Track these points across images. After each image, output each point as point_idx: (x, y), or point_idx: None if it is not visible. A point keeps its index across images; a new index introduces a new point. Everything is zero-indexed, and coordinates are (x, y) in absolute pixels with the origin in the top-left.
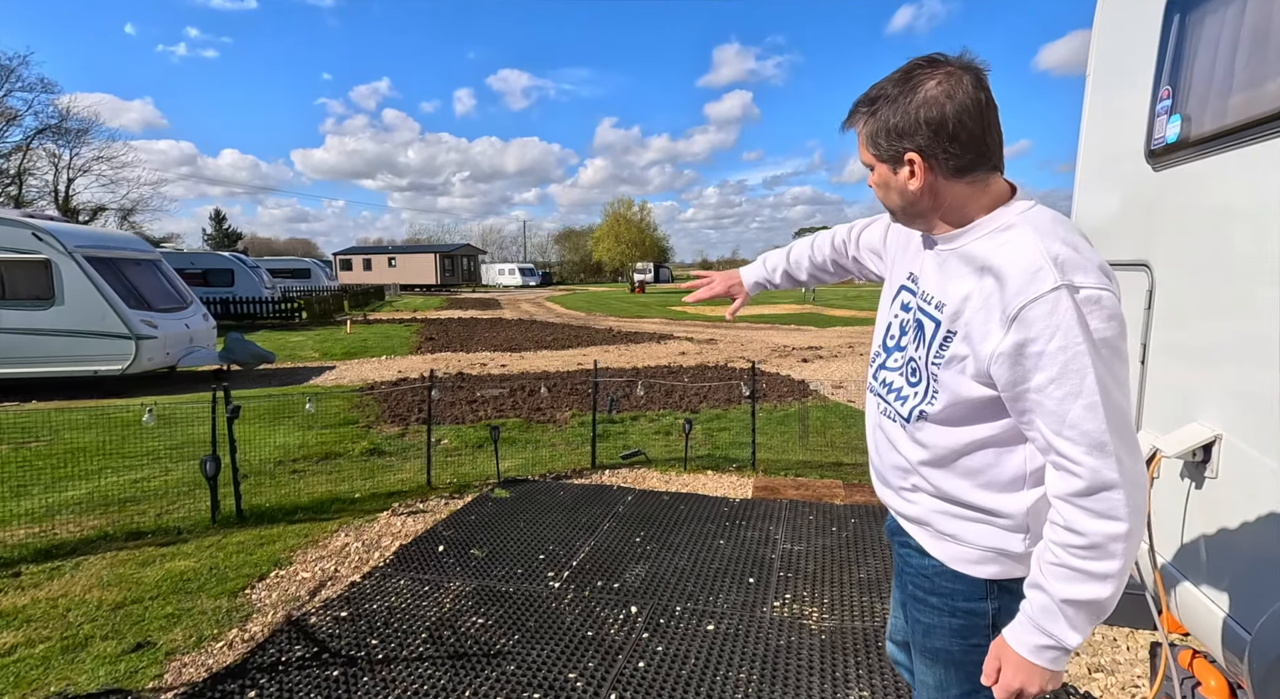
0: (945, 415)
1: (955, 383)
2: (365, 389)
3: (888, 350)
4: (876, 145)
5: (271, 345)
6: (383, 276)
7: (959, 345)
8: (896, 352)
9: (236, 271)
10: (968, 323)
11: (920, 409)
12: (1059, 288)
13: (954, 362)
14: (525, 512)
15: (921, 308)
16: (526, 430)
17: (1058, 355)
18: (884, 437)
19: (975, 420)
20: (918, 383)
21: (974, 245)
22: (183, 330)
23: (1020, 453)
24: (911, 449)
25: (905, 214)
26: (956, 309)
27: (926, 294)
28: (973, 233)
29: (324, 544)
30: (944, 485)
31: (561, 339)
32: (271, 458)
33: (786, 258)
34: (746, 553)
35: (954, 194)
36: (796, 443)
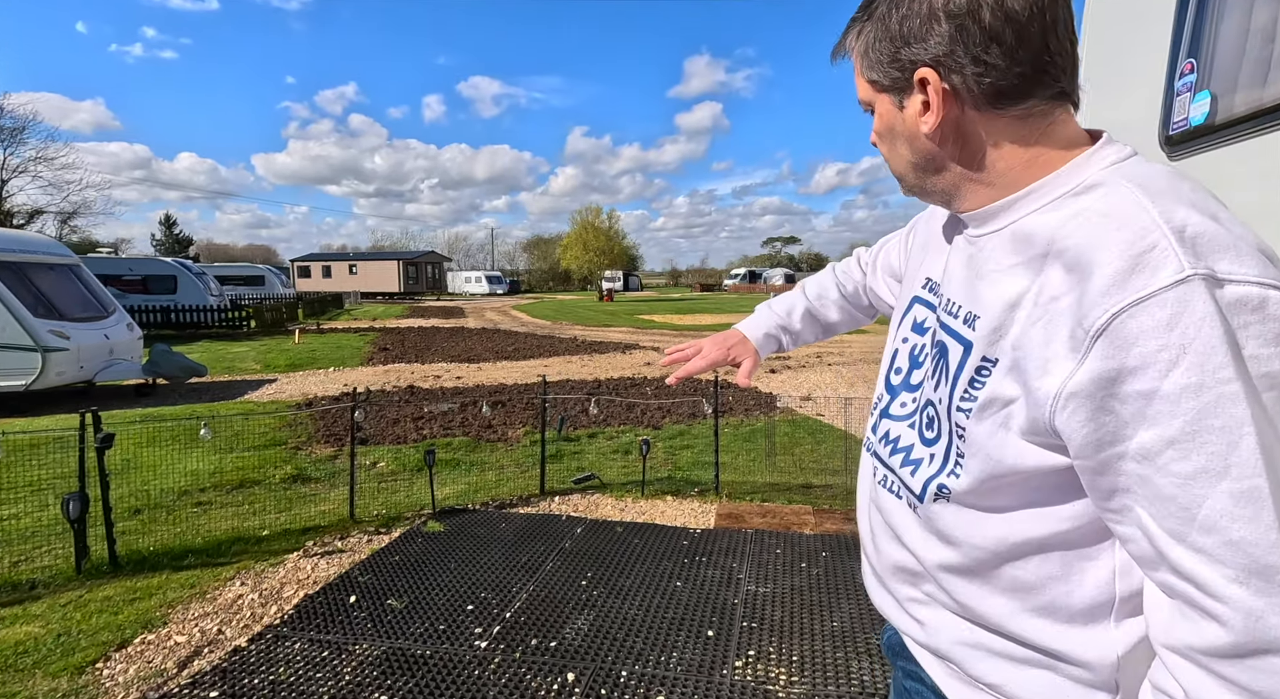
0: (980, 494)
1: (996, 442)
2: (296, 407)
3: (892, 391)
4: (874, 66)
5: (211, 356)
6: (344, 284)
7: (1002, 381)
8: (904, 392)
9: (180, 278)
10: (1017, 344)
11: (940, 483)
12: (1188, 280)
13: (993, 407)
14: (459, 549)
15: (944, 324)
16: (474, 450)
17: (1184, 400)
18: (882, 520)
19: (1029, 503)
20: (935, 440)
21: (1030, 220)
22: (101, 341)
23: (1107, 561)
24: (926, 544)
25: (919, 177)
26: (998, 322)
27: (951, 303)
28: (1028, 201)
29: (212, 597)
30: (978, 605)
31: (523, 349)
32: (177, 487)
33: (804, 294)
34: (706, 597)
35: (993, 136)
36: (763, 463)
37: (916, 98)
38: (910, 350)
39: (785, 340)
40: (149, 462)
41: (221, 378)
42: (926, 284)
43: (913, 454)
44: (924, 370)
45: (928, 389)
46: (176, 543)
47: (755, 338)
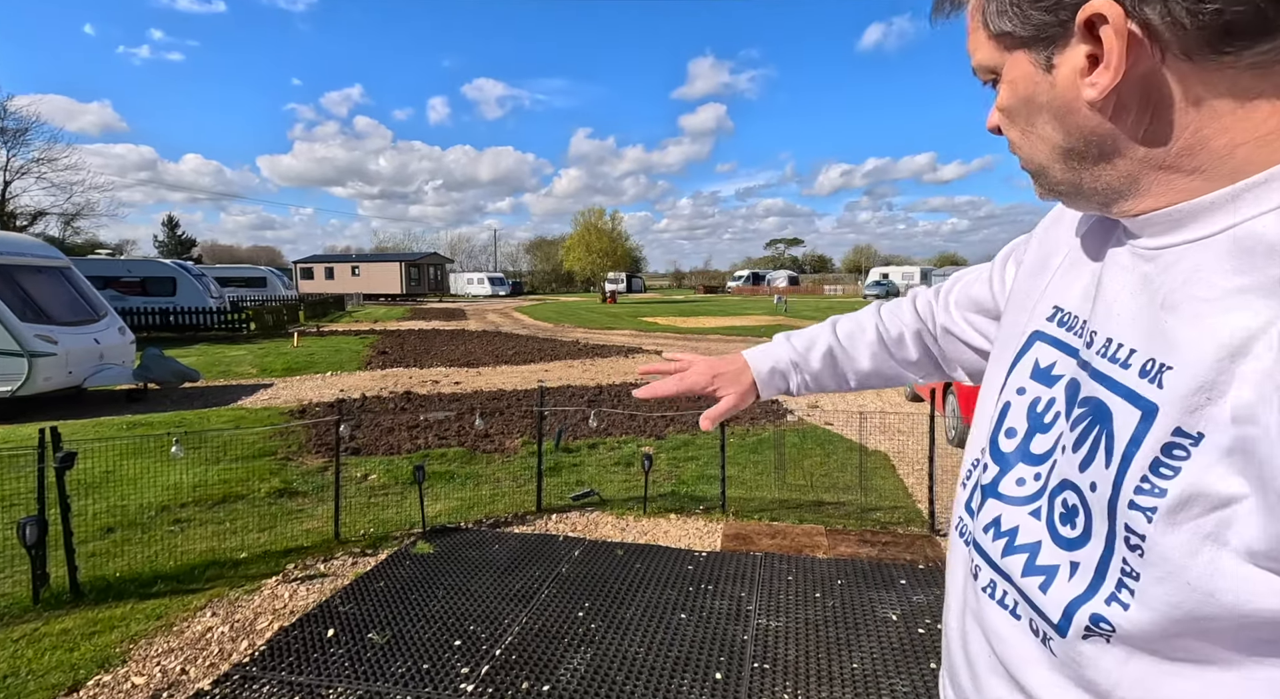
0: (1167, 638)
1: (1202, 564)
2: (290, 414)
3: (1002, 460)
4: (1008, 10)
5: (208, 360)
6: (346, 286)
7: (1213, 469)
8: (1022, 463)
9: (179, 280)
10: (1248, 415)
11: (1095, 612)
12: None
13: (1194, 509)
14: (449, 574)
15: (1099, 374)
16: (469, 462)
17: None
18: (985, 646)
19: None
20: (1080, 542)
21: (1268, 221)
22: (91, 346)
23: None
24: (1065, 693)
25: (1073, 169)
26: (1208, 378)
27: (1111, 345)
28: (1265, 192)
29: (180, 629)
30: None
31: (524, 353)
32: (156, 503)
33: (832, 330)
34: (713, 633)
35: (1206, 98)
36: (771, 477)
37: (1077, 49)
38: (1029, 406)
39: (796, 381)
40: (131, 474)
41: (217, 382)
42: (1056, 315)
43: (1040, 557)
44: (1053, 436)
45: (1065, 465)
46: (146, 568)
47: (759, 371)
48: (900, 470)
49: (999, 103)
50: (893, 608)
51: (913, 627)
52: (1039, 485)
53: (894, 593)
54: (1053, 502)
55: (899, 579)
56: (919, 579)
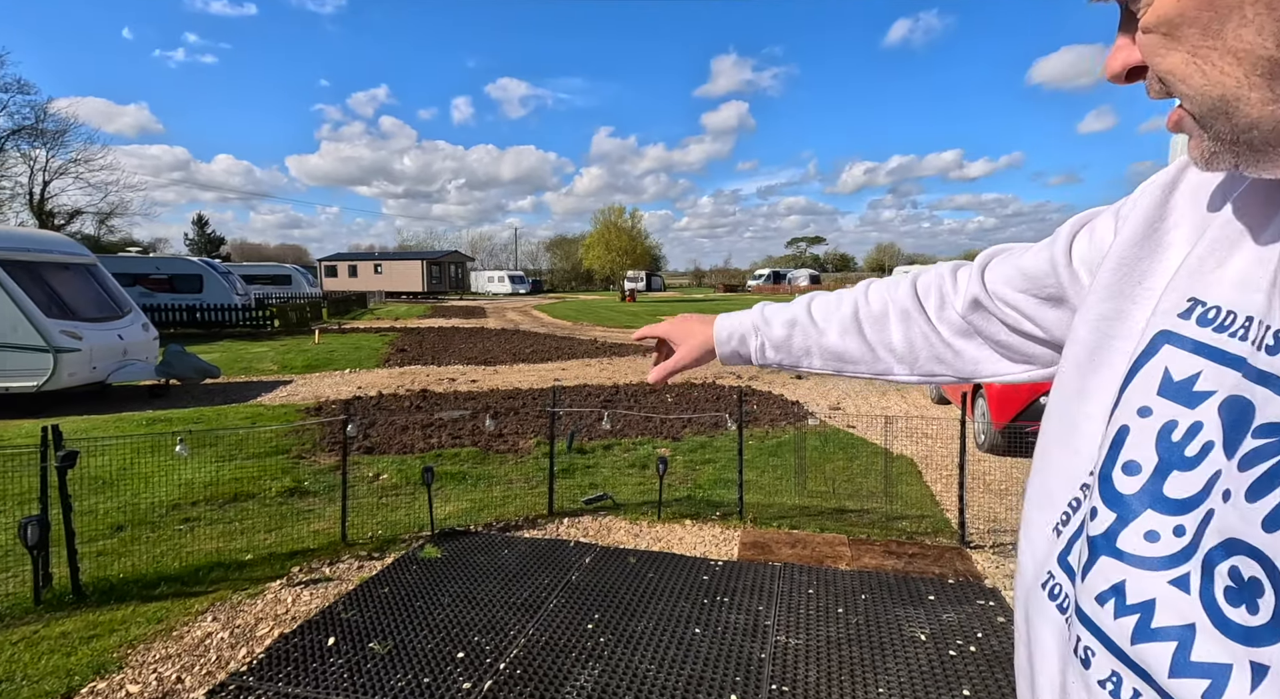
0: None
1: None
2: (305, 411)
3: (1122, 506)
4: None
5: (230, 356)
6: (369, 283)
7: None
8: (1155, 510)
9: (205, 277)
10: None
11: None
12: None
13: None
14: (456, 580)
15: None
16: (481, 462)
17: None
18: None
19: None
20: (1274, 634)
21: None
22: (115, 342)
23: None
24: None
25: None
26: None
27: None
28: None
29: (180, 634)
30: None
31: (542, 351)
32: (168, 501)
33: (807, 304)
34: (728, 650)
35: None
36: (791, 482)
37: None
38: (1160, 433)
39: (755, 344)
40: (146, 470)
41: (237, 378)
42: (1195, 311)
43: (1195, 650)
44: (1202, 476)
45: (1231, 519)
46: (150, 569)
47: (718, 330)
48: (927, 476)
49: (1157, 12)
50: (921, 626)
51: (943, 648)
52: (1183, 543)
53: (922, 610)
54: (1211, 570)
55: (927, 595)
56: (948, 595)
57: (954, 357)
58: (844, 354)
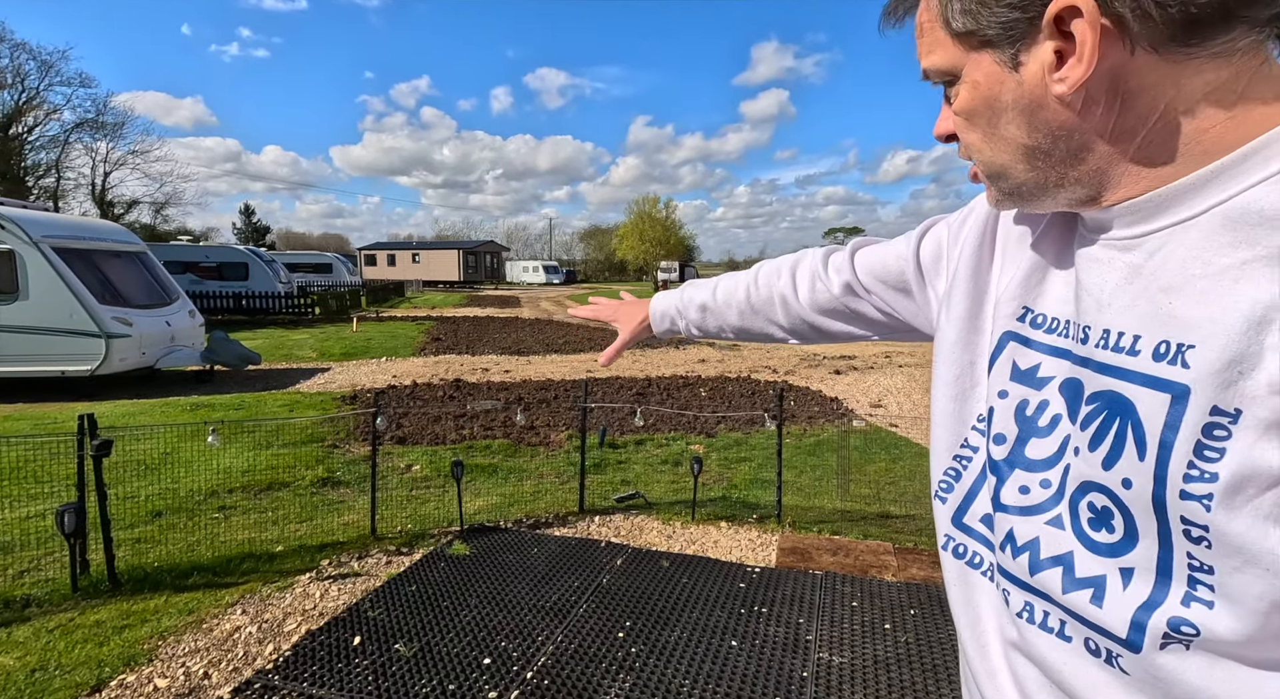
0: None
1: (1275, 548)
2: (341, 400)
3: (997, 469)
4: (973, 9)
5: (272, 343)
6: (406, 272)
7: (1257, 444)
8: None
9: (250, 266)
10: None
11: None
12: None
13: (1250, 488)
14: (484, 579)
15: (1105, 366)
16: (513, 455)
17: None
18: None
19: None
20: (1125, 546)
21: (1258, 193)
22: (163, 329)
23: None
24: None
25: (1038, 169)
26: (1235, 352)
27: (1112, 336)
28: (1246, 169)
29: (209, 627)
30: None
31: (574, 342)
32: (206, 488)
33: (713, 290)
34: (768, 666)
35: (1175, 89)
36: (831, 484)
37: (1045, 46)
38: (1016, 409)
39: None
40: (187, 456)
41: (278, 365)
42: (1028, 317)
43: (1079, 569)
44: (1056, 440)
45: (1083, 467)
46: (184, 558)
47: (653, 310)
48: None
49: (958, 106)
50: None
51: None
52: (1050, 492)
53: None
54: (1075, 507)
55: None
56: None
57: (823, 327)
58: (744, 329)
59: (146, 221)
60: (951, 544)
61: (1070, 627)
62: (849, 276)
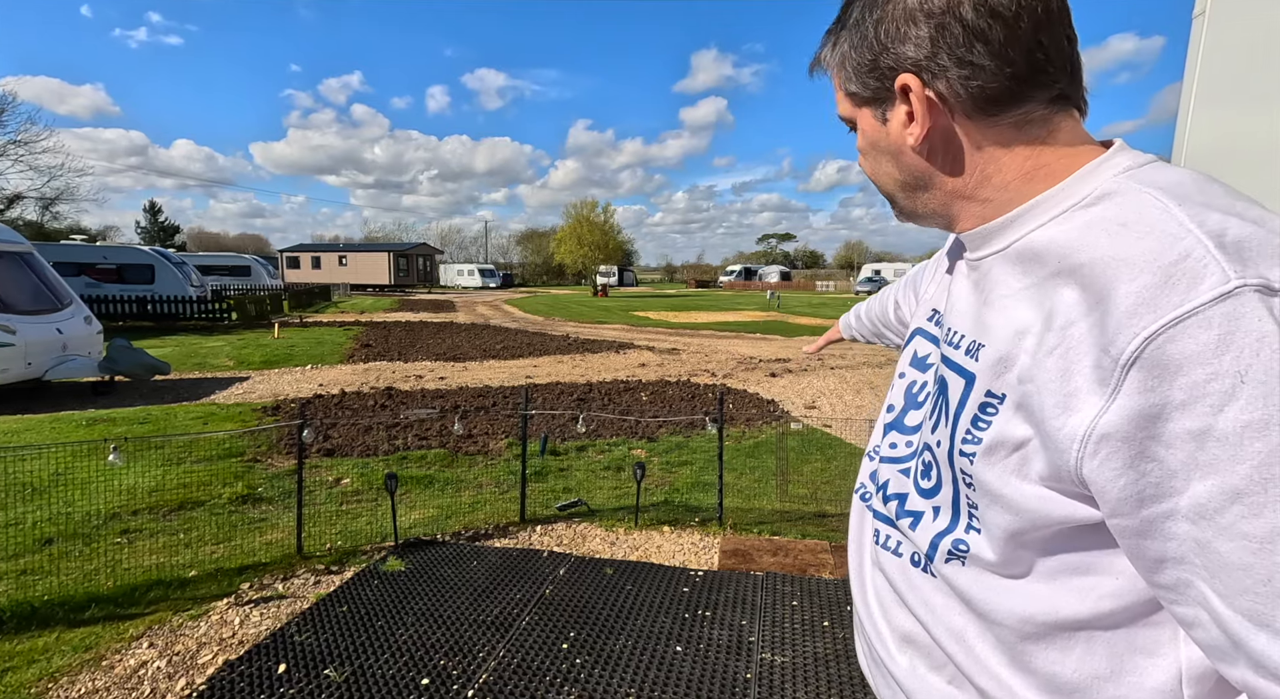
0: (1001, 553)
1: (1011, 490)
2: (263, 410)
3: (884, 430)
4: (853, 77)
5: (183, 351)
6: (333, 276)
7: (1009, 420)
8: (896, 432)
9: (157, 267)
10: (1026, 377)
11: (956, 538)
12: (1236, 292)
13: (1001, 451)
14: (421, 596)
15: (946, 358)
16: (450, 465)
17: (1247, 440)
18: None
19: (1060, 569)
20: (935, 490)
21: (1035, 237)
22: (53, 336)
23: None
24: (940, 611)
25: (909, 198)
26: (1004, 352)
27: (953, 334)
28: (1031, 216)
29: (109, 664)
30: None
31: (513, 347)
32: (106, 510)
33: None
34: (712, 669)
35: (986, 147)
36: (770, 485)
37: (900, 109)
38: (907, 387)
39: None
40: (83, 475)
41: (190, 374)
42: (932, 316)
43: (908, 504)
44: (923, 411)
45: (925, 431)
46: (80, 589)
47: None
48: None
49: (859, 144)
50: None
51: None
52: (911, 451)
53: None
54: (916, 462)
55: None
56: None
57: None
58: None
59: (33, 218)
60: (861, 490)
61: (904, 546)
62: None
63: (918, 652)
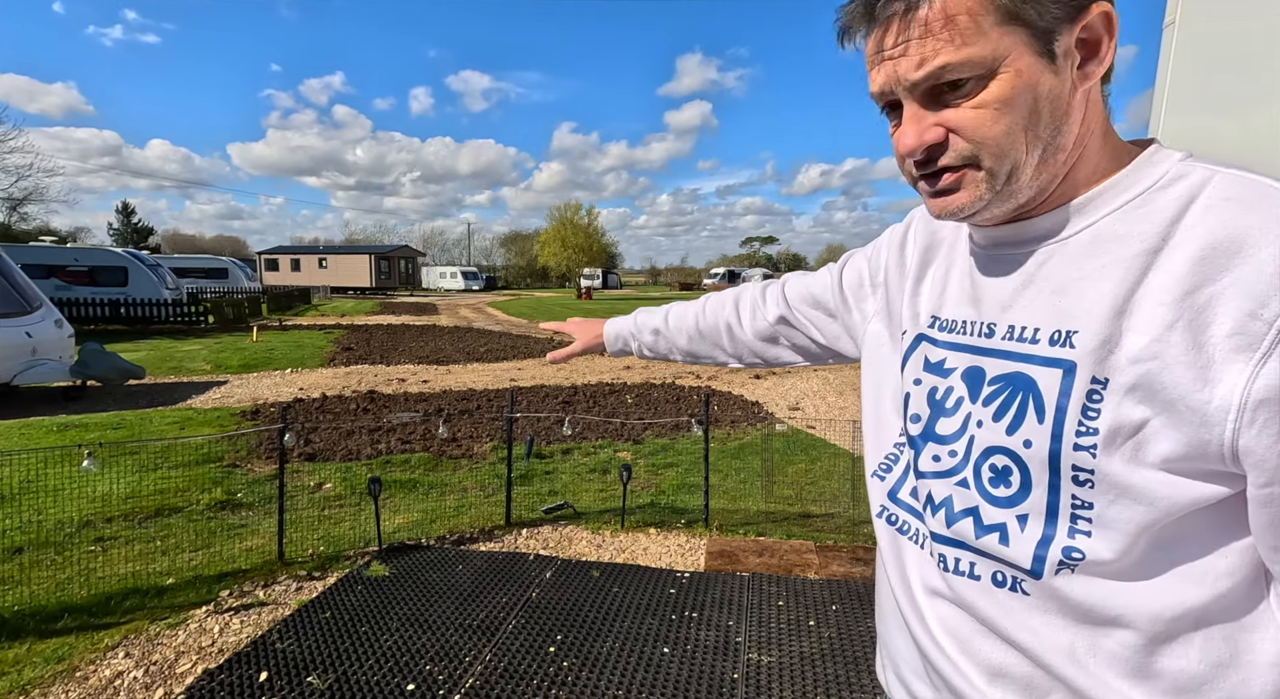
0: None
1: (1140, 479)
2: (242, 414)
3: (914, 442)
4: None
5: (158, 355)
6: (313, 278)
7: (1121, 404)
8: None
9: (130, 270)
10: (1142, 356)
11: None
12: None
13: (1119, 438)
14: (406, 601)
15: (1011, 353)
16: (434, 469)
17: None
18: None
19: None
20: (1020, 496)
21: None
22: (21, 340)
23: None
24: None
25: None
26: (1105, 334)
27: (1016, 329)
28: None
29: (84, 675)
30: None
31: (497, 350)
32: (79, 517)
33: (665, 316)
34: (699, 672)
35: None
36: (755, 486)
37: (1072, 35)
38: (928, 395)
39: (634, 346)
40: (55, 483)
41: (166, 379)
42: (936, 323)
43: (985, 518)
44: (959, 418)
45: (987, 436)
46: (52, 599)
47: (607, 331)
48: None
49: (994, 95)
50: None
51: None
52: (957, 460)
53: None
54: (979, 470)
55: None
56: None
57: (762, 354)
58: (692, 353)
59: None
60: (885, 513)
61: (979, 566)
62: (783, 308)
63: (1013, 685)
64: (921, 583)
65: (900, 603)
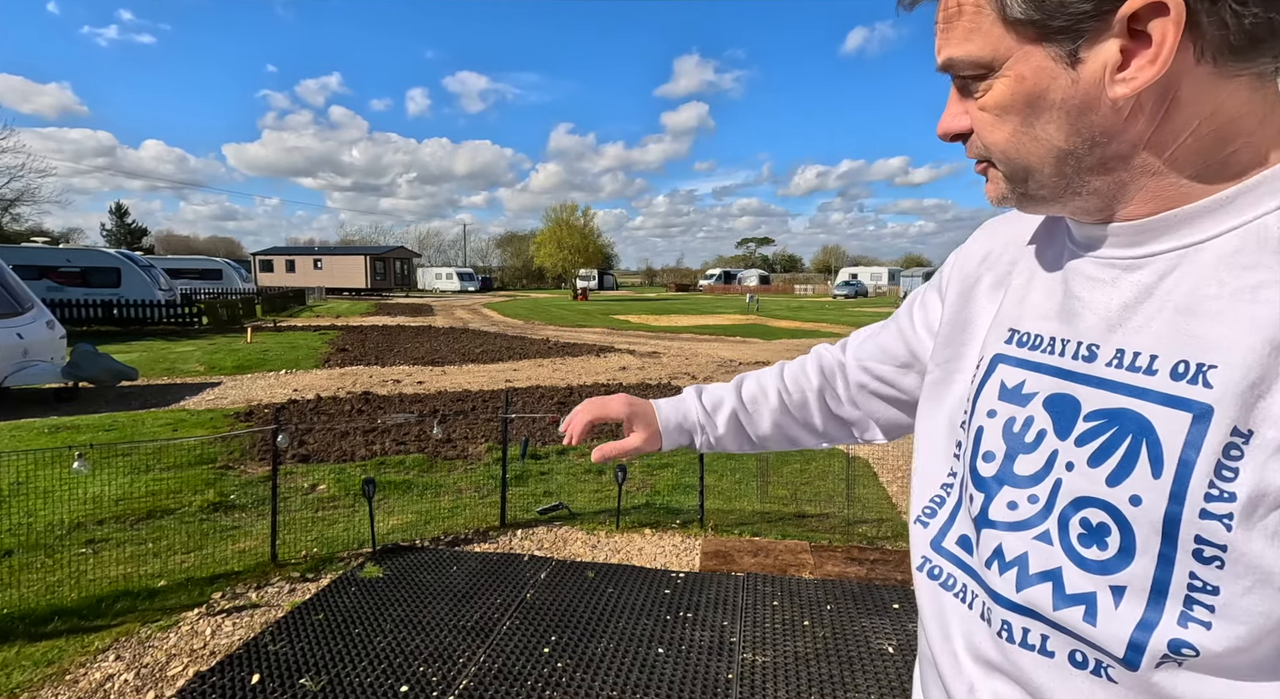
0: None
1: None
2: (236, 416)
3: (985, 486)
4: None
5: (151, 357)
6: (308, 279)
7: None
8: (1010, 487)
9: (123, 271)
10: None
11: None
12: None
13: (1261, 508)
14: (399, 602)
15: (1117, 384)
16: (429, 469)
17: None
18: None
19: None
20: (1119, 562)
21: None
22: (13, 341)
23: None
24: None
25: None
26: (1258, 373)
27: (1125, 355)
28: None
29: (74, 678)
30: None
31: (492, 351)
32: (70, 520)
33: (737, 391)
34: (694, 672)
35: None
36: (750, 486)
37: (1109, 45)
38: (1004, 426)
39: (700, 440)
40: (46, 485)
41: (159, 380)
42: (1014, 338)
43: (1069, 586)
44: (1043, 455)
45: (1078, 482)
46: (41, 602)
47: (666, 424)
48: (883, 478)
49: (992, 100)
50: (888, 638)
51: (911, 661)
52: (1037, 508)
53: (887, 620)
54: (1065, 523)
55: (891, 603)
56: (913, 603)
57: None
58: (775, 436)
59: None
60: (927, 566)
61: (1053, 641)
62: (858, 375)
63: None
64: (969, 650)
65: (943, 673)
